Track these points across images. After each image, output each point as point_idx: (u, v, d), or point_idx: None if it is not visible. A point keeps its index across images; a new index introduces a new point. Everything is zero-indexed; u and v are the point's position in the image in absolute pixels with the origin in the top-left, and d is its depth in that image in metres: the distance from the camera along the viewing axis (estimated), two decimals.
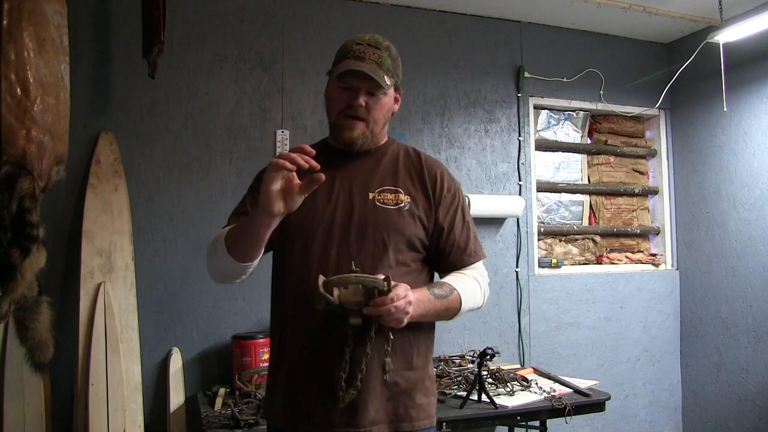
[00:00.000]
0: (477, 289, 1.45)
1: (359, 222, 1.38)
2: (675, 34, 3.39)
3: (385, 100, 1.42)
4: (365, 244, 1.36)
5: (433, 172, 1.47)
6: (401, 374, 1.35)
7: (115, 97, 2.50)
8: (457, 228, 1.45)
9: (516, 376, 2.53)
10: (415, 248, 1.41)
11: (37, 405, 2.18)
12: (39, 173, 1.82)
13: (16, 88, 1.77)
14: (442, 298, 1.36)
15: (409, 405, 1.36)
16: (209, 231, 2.57)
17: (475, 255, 1.48)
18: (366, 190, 1.41)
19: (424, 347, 1.42)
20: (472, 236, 1.48)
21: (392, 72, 1.41)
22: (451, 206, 1.46)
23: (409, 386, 1.37)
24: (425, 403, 1.40)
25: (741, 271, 3.08)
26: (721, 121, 3.19)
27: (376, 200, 1.40)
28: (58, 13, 1.91)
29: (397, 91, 1.47)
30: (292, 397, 1.36)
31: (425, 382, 1.41)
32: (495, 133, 3.13)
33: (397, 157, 1.49)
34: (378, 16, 2.91)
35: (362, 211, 1.39)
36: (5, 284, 1.78)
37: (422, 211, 1.42)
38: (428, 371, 1.44)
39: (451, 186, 1.47)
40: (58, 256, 2.35)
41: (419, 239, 1.41)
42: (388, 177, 1.44)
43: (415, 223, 1.40)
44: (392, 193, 1.41)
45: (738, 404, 3.06)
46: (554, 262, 3.21)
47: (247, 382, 2.27)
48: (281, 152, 1.20)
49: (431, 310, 1.34)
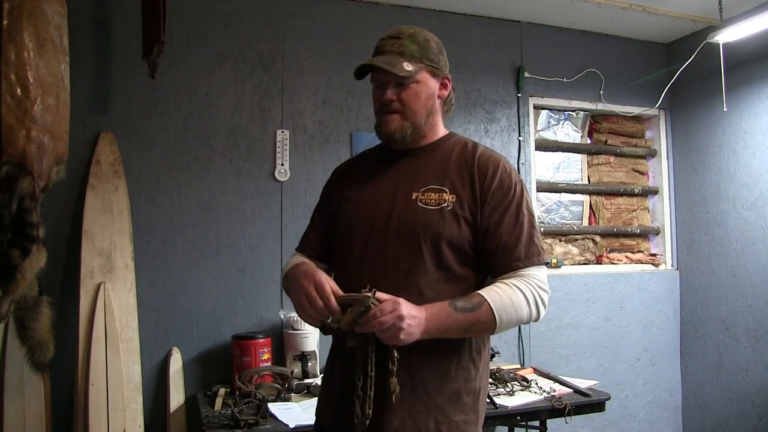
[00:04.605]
0: (520, 299, 1.24)
1: (398, 223, 1.30)
2: (675, 34, 3.39)
3: (417, 88, 1.33)
4: (402, 248, 1.28)
5: (484, 166, 1.32)
6: (434, 386, 1.25)
7: (115, 97, 2.50)
8: (506, 228, 1.28)
9: (516, 376, 2.53)
10: (462, 252, 1.29)
11: (37, 405, 2.18)
12: (39, 173, 1.82)
13: (16, 88, 1.77)
14: (466, 311, 1.20)
15: (441, 420, 1.25)
16: (209, 231, 2.59)
17: (526, 259, 1.27)
18: (411, 190, 1.32)
19: (467, 359, 1.29)
20: (525, 238, 1.28)
21: (419, 57, 1.32)
22: (502, 204, 1.30)
23: (443, 400, 1.25)
24: (461, 420, 1.27)
25: (741, 271, 3.08)
26: (721, 121, 3.19)
27: (419, 200, 1.30)
28: (58, 13, 1.91)
29: (437, 76, 1.37)
30: (324, 398, 1.40)
31: (463, 397, 1.28)
32: (495, 133, 3.13)
33: (450, 153, 1.36)
34: (378, 16, 2.91)
35: (402, 211, 1.30)
36: (5, 284, 1.78)
37: (468, 211, 1.29)
38: (471, 385, 1.29)
39: (504, 182, 1.31)
40: (58, 256, 2.35)
41: (467, 241, 1.28)
42: (436, 175, 1.33)
43: (459, 224, 1.28)
44: (437, 192, 1.30)
45: (738, 404, 3.06)
46: (554, 262, 3.21)
47: (247, 382, 2.27)
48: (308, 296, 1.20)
49: (453, 325, 1.20)
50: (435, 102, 1.37)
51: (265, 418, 2.02)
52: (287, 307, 2.57)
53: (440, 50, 1.38)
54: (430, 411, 1.24)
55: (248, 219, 2.65)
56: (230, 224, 2.62)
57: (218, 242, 2.60)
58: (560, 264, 3.23)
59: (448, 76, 1.40)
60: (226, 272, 2.58)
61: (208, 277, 2.56)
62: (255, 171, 2.68)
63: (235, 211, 2.63)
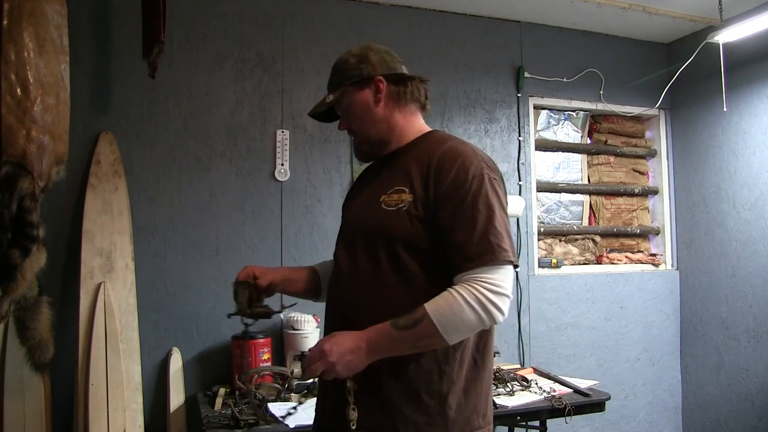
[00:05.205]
0: (460, 305, 1.15)
1: (363, 227, 1.35)
2: (675, 34, 3.39)
3: (350, 109, 1.39)
4: (366, 251, 1.30)
5: (441, 164, 1.26)
6: (391, 385, 1.24)
7: (115, 97, 2.50)
8: (459, 226, 1.21)
9: (516, 376, 2.53)
10: (421, 252, 1.25)
11: (37, 405, 2.18)
12: (39, 173, 1.82)
13: (16, 88, 1.77)
14: (407, 328, 1.16)
15: (398, 419, 1.23)
16: (209, 231, 2.59)
17: (478, 258, 1.18)
18: (380, 193, 1.32)
19: (430, 361, 1.24)
20: (477, 236, 1.19)
21: (339, 82, 1.39)
22: (455, 201, 1.22)
23: (400, 399, 1.24)
24: (422, 422, 1.23)
25: (741, 271, 3.08)
26: (721, 121, 3.19)
27: (384, 203, 1.30)
28: (58, 13, 1.91)
29: (364, 85, 1.37)
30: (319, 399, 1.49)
31: (424, 398, 1.23)
32: (495, 133, 3.13)
33: (420, 152, 1.33)
34: (378, 16, 2.91)
35: (368, 215, 1.34)
36: (5, 284, 1.78)
37: (421, 210, 1.25)
38: (434, 387, 1.24)
39: (460, 178, 1.23)
40: (58, 256, 2.35)
41: (423, 241, 1.24)
42: (402, 176, 1.31)
43: (412, 223, 1.24)
44: (398, 193, 1.29)
45: (738, 404, 3.06)
46: (554, 262, 3.21)
47: (247, 382, 2.27)
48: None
49: (398, 344, 1.18)
50: (374, 109, 1.37)
51: (265, 418, 2.02)
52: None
53: (361, 60, 1.38)
54: (386, 409, 1.25)
55: (248, 219, 2.65)
56: (230, 224, 2.62)
57: (218, 242, 2.60)
58: (560, 264, 3.23)
59: (377, 76, 1.36)
60: (226, 272, 2.58)
61: (208, 277, 2.56)
62: (255, 171, 2.68)
63: (235, 211, 2.63)
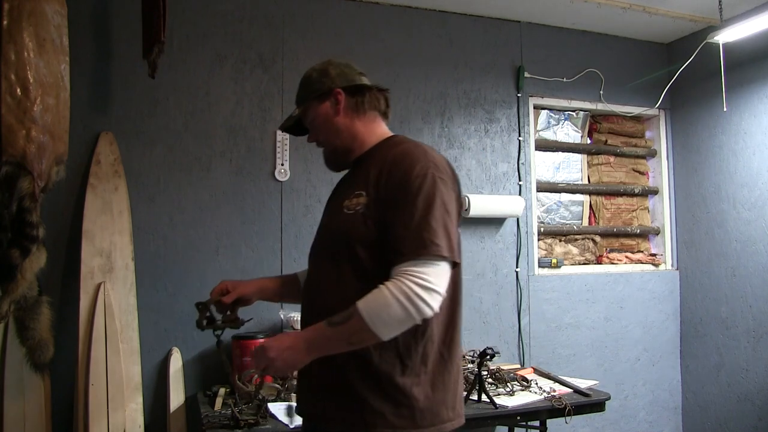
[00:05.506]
0: (386, 299, 1.17)
1: (329, 233, 1.42)
2: (675, 34, 3.39)
3: (314, 123, 1.46)
4: (331, 256, 1.35)
5: (392, 164, 1.29)
6: (354, 376, 1.28)
7: (115, 97, 2.50)
8: (398, 222, 1.23)
9: (516, 376, 2.53)
10: (378, 252, 1.27)
11: (37, 405, 2.18)
12: (39, 173, 1.82)
13: (16, 88, 1.77)
14: (339, 324, 1.20)
15: (366, 410, 1.26)
16: (209, 231, 2.59)
17: (410, 253, 1.19)
18: (344, 198, 1.36)
19: (391, 354, 1.27)
20: (412, 231, 1.20)
21: (303, 97, 1.47)
22: (397, 198, 1.25)
23: (364, 390, 1.27)
24: (388, 412, 1.26)
25: (741, 271, 3.08)
26: (721, 121, 3.19)
27: (345, 207, 1.33)
28: (58, 13, 1.91)
29: (323, 98, 1.43)
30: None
31: (389, 389, 1.26)
32: (495, 133, 3.13)
33: (378, 157, 1.36)
34: (378, 16, 2.92)
35: (331, 220, 1.43)
36: (5, 284, 1.78)
37: (374, 210, 1.28)
38: (396, 381, 1.26)
39: (408, 176, 1.25)
40: (58, 256, 2.35)
41: (379, 241, 1.26)
42: (362, 180, 1.34)
43: (366, 224, 1.28)
44: (357, 196, 1.32)
45: (738, 404, 3.06)
46: (554, 262, 3.21)
47: (247, 382, 2.27)
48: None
49: (333, 341, 1.22)
50: (334, 120, 1.43)
51: (265, 418, 2.02)
52: (287, 307, 2.57)
53: (322, 74, 1.45)
54: (354, 400, 1.28)
55: (248, 219, 2.65)
56: (230, 224, 2.62)
57: (218, 242, 2.60)
58: (560, 264, 3.23)
59: (336, 88, 1.42)
60: (226, 272, 2.58)
61: (208, 277, 2.56)
62: (255, 171, 2.68)
63: (235, 211, 2.63)
